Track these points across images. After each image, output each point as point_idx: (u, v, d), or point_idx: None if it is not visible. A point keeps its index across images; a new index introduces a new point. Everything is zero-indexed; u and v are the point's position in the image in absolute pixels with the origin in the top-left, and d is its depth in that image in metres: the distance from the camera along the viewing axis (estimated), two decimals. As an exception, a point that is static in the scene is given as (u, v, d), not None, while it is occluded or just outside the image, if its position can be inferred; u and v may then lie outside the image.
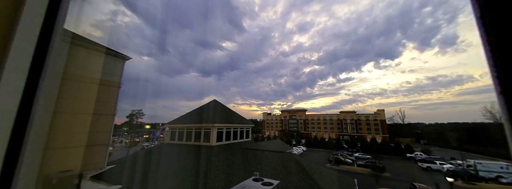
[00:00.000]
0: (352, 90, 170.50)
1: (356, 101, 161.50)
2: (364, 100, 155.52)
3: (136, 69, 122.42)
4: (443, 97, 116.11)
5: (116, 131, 70.46)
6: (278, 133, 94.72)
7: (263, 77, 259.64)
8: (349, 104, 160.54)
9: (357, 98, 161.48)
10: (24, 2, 0.84)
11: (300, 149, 50.08)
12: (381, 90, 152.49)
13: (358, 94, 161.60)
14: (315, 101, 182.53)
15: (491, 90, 0.61)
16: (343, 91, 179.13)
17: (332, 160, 38.85)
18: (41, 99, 0.85)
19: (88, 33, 5.51)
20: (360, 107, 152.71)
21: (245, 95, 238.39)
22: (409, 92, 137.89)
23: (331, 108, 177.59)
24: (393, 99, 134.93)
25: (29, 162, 0.80)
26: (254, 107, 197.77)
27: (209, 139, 16.37)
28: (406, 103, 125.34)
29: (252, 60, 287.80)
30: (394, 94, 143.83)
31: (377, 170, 26.15)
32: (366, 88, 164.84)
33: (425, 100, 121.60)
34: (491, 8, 0.59)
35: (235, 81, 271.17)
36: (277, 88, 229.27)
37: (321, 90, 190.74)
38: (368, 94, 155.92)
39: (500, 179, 27.11)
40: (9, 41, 0.80)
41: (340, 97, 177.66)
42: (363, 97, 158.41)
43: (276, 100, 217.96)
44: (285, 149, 27.27)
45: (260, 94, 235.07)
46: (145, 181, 12.03)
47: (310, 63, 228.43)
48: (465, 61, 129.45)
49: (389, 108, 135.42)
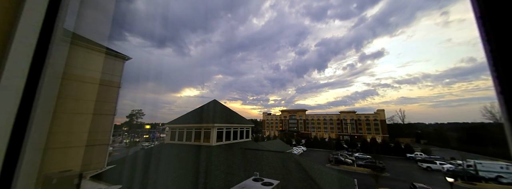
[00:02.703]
0: (376, 74, 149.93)
1: (372, 95, 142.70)
2: (382, 94, 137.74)
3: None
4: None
5: (116, 131, 70.45)
6: (278, 133, 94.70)
7: (258, 54, 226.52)
8: (367, 96, 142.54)
9: (374, 90, 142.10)
10: (24, 2, 0.84)
11: (300, 149, 50.06)
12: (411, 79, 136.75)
13: (379, 84, 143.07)
14: (322, 95, 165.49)
15: (491, 90, 0.61)
16: (363, 78, 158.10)
17: (332, 160, 38.85)
18: (41, 99, 0.85)
19: (88, 33, 5.50)
20: (380, 102, 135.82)
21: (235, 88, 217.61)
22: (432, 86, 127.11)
23: (340, 105, 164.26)
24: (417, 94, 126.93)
25: (29, 162, 0.80)
26: (247, 106, 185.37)
27: (209, 139, 16.37)
28: (428, 99, 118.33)
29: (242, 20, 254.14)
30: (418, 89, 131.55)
31: (377, 170, 26.14)
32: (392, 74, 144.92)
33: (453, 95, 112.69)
34: (491, 8, 0.59)
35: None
36: (274, 74, 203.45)
37: (332, 77, 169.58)
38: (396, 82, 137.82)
39: (500, 179, 27.09)
40: (9, 41, 0.80)
41: (356, 87, 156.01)
42: (385, 87, 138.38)
43: (272, 94, 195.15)
44: (285, 149, 27.27)
45: (252, 86, 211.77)
46: (145, 181, 12.03)
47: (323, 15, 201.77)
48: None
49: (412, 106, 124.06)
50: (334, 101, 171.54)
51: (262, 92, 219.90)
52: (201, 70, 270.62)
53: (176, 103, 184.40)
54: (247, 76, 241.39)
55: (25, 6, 0.84)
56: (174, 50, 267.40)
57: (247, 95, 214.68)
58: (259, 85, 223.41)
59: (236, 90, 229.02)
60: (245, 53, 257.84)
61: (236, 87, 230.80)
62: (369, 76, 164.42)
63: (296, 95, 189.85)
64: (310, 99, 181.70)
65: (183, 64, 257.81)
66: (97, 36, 5.51)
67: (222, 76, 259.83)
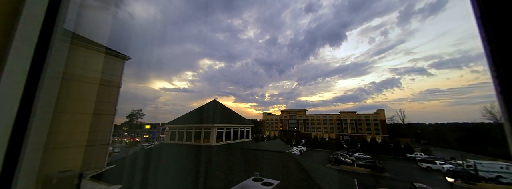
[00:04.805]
0: (416, 51, 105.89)
1: (392, 87, 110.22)
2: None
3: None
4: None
5: (116, 131, 70.45)
6: (278, 133, 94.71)
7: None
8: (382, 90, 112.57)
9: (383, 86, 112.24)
10: (24, 2, 0.84)
11: (300, 149, 50.07)
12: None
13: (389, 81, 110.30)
14: (328, 87, 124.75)
15: (491, 90, 0.61)
16: (391, 60, 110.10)
17: (332, 160, 38.84)
18: (41, 99, 0.85)
19: (88, 33, 5.50)
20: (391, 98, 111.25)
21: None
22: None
23: (349, 100, 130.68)
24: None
25: (29, 162, 0.80)
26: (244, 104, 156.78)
27: (209, 139, 16.37)
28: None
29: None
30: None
31: (377, 170, 26.16)
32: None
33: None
34: (491, 8, 0.59)
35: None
36: (272, 55, 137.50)
37: (348, 58, 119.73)
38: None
39: (500, 179, 27.08)
40: (9, 41, 0.80)
41: (376, 74, 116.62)
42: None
43: (267, 87, 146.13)
44: (285, 149, 27.26)
45: (244, 77, 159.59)
46: (145, 181, 12.03)
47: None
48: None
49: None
50: (342, 96, 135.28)
51: (255, 84, 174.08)
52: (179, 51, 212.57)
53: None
54: (239, 62, 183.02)
55: (25, 6, 0.84)
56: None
57: (239, 88, 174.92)
58: (252, 74, 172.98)
59: (226, 81, 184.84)
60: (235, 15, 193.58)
61: (227, 79, 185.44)
62: (405, 54, 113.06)
63: (297, 88, 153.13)
64: (314, 93, 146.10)
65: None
66: (97, 36, 5.51)
67: (208, 61, 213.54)
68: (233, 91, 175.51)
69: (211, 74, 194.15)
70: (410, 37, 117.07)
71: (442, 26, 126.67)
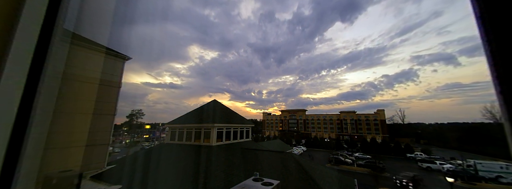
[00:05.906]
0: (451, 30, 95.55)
1: (407, 80, 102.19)
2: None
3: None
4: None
5: (116, 131, 70.47)
6: (278, 133, 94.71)
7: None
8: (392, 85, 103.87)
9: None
10: (24, 2, 0.84)
11: (300, 149, 50.05)
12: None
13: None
14: (334, 83, 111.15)
15: (491, 90, 0.61)
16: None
17: (332, 160, 38.84)
18: (41, 99, 0.85)
19: (88, 33, 5.50)
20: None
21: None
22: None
23: (355, 98, 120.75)
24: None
25: (29, 162, 0.80)
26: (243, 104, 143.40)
27: (209, 139, 16.37)
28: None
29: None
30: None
31: (377, 170, 26.16)
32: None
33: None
34: (491, 8, 0.59)
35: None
36: (269, 38, 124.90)
37: (363, 40, 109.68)
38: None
39: (500, 179, 27.09)
40: (9, 41, 0.80)
41: (394, 64, 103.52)
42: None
43: (264, 82, 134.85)
44: (285, 149, 27.27)
45: (240, 70, 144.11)
46: (145, 181, 12.03)
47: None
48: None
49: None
50: (348, 92, 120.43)
51: (251, 78, 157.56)
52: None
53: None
54: (233, 50, 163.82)
55: (25, 6, 0.84)
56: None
57: (234, 84, 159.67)
58: (247, 65, 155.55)
59: (220, 75, 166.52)
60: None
61: (219, 72, 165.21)
62: (437, 35, 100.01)
63: (298, 84, 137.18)
64: (317, 90, 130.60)
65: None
66: (97, 36, 5.50)
67: (198, 49, 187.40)
68: (228, 87, 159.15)
69: (202, 67, 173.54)
70: (451, 7, 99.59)
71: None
